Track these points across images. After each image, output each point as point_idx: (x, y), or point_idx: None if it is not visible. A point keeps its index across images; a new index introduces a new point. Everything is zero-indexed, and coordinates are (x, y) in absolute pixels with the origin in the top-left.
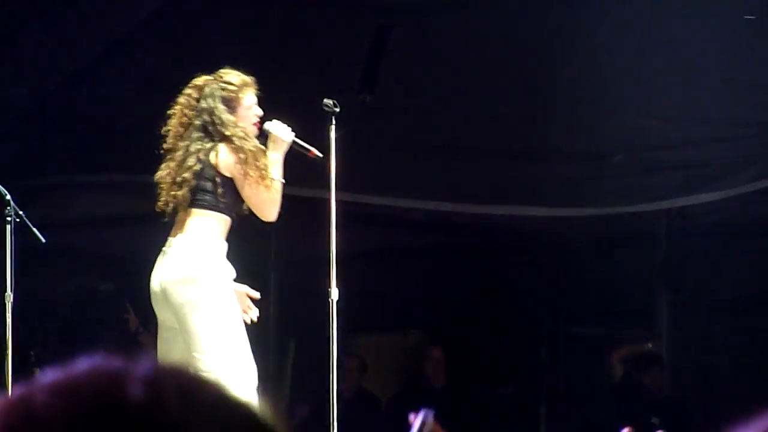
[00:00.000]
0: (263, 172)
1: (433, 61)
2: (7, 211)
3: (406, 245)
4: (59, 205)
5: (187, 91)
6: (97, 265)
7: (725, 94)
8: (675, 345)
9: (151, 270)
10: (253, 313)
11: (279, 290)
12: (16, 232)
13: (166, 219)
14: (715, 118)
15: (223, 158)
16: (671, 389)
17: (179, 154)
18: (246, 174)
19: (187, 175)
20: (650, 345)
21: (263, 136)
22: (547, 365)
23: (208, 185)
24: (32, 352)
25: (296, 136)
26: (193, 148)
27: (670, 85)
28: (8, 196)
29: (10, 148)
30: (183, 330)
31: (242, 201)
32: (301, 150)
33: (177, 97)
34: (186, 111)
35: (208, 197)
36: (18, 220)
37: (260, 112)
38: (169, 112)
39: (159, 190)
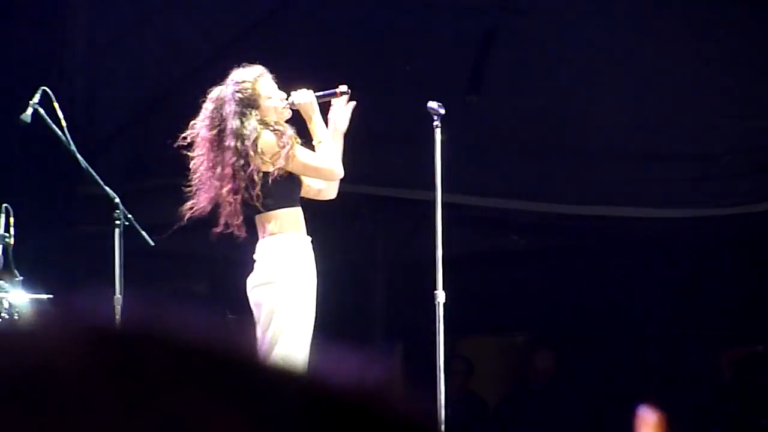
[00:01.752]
0: (295, 146)
1: (539, 62)
2: (116, 215)
3: (514, 247)
4: (163, 208)
5: (206, 105)
6: (193, 266)
7: None
8: None
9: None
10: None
11: (386, 292)
12: (124, 235)
13: (237, 235)
14: None
15: (261, 155)
16: None
17: (219, 171)
18: (287, 156)
19: (233, 187)
20: (761, 347)
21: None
22: (656, 367)
23: (259, 188)
24: None
25: (315, 92)
26: (228, 159)
27: None
28: (117, 199)
29: (120, 151)
30: (260, 331)
31: (299, 185)
32: (328, 98)
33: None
34: (209, 123)
35: (265, 200)
36: (127, 223)
37: (283, 95)
38: (191, 131)
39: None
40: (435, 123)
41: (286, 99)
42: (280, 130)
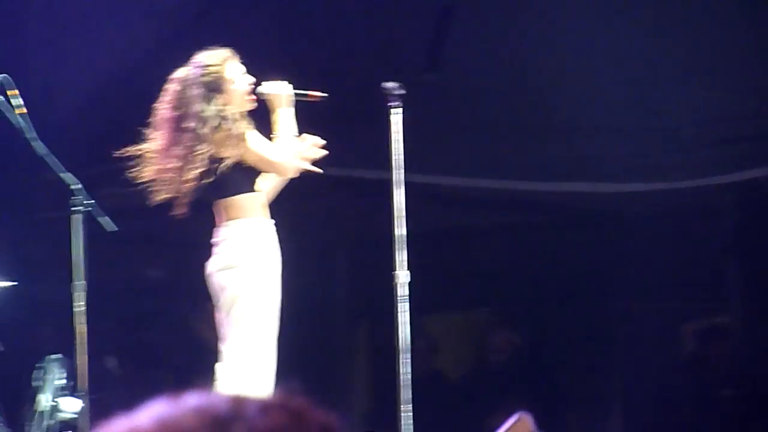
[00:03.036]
0: (251, 135)
1: (497, 38)
2: (76, 200)
3: (474, 224)
4: (127, 193)
5: (169, 86)
6: (154, 251)
7: None
8: (747, 317)
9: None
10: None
11: (348, 272)
12: (87, 220)
13: (178, 215)
14: None
15: (220, 141)
16: (743, 361)
17: (179, 150)
18: (243, 144)
19: (192, 173)
20: (722, 318)
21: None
22: (619, 340)
23: (217, 173)
24: (106, 341)
25: (295, 88)
26: (187, 142)
27: (734, 56)
28: (77, 185)
29: (79, 137)
30: (222, 315)
31: (259, 170)
32: (304, 98)
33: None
34: (172, 105)
35: (224, 185)
36: (88, 209)
37: (251, 80)
38: (155, 106)
39: (162, 187)
40: (392, 103)
41: (253, 84)
42: (239, 117)
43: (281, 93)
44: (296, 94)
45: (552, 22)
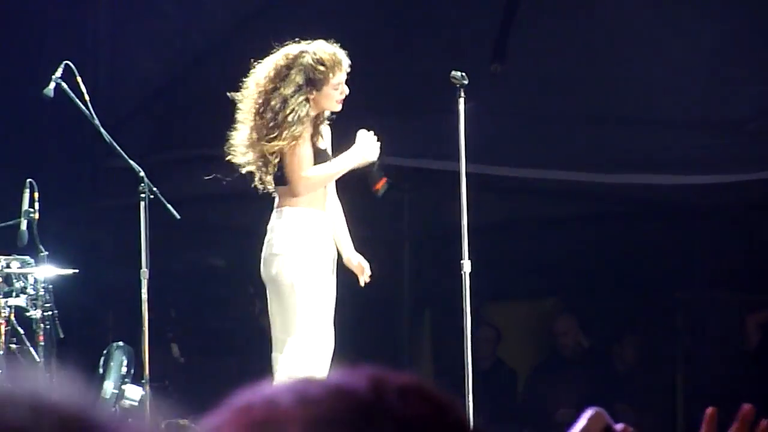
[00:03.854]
0: (302, 143)
1: (565, 28)
2: (141, 188)
3: (538, 215)
4: (191, 180)
5: (277, 56)
6: (220, 239)
7: None
8: None
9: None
10: (364, 277)
11: (413, 262)
12: (150, 208)
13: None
14: None
15: (282, 139)
16: None
17: (263, 130)
18: (293, 145)
19: (262, 153)
20: None
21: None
22: (683, 331)
23: (278, 159)
24: (170, 329)
25: (380, 162)
26: (267, 117)
27: None
28: (142, 173)
29: (143, 125)
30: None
31: (321, 164)
32: (371, 176)
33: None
34: (271, 75)
35: (279, 172)
36: (152, 196)
37: (346, 91)
38: (251, 78)
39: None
40: (459, 93)
41: (345, 95)
42: (307, 120)
43: (366, 159)
44: (372, 165)
45: (621, 12)
